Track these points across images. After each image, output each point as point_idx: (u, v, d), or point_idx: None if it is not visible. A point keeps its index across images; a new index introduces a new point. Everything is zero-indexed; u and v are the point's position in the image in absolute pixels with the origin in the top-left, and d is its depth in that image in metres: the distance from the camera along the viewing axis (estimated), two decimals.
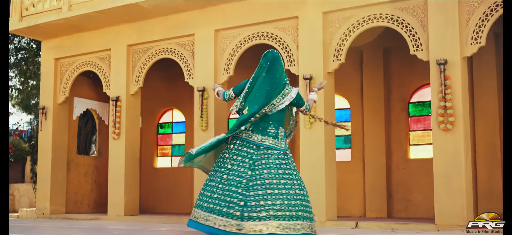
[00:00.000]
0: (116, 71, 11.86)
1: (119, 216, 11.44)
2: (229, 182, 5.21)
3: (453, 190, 8.43)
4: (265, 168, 5.25)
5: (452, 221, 8.37)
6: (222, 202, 5.16)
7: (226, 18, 10.66)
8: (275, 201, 5.08)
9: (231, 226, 5.06)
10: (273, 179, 5.19)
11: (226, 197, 5.16)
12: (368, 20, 9.42)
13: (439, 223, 8.47)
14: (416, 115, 12.07)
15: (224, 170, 5.32)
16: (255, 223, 5.01)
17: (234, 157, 5.36)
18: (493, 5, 8.48)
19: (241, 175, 5.24)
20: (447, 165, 8.53)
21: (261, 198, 5.08)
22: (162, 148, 14.71)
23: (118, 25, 11.85)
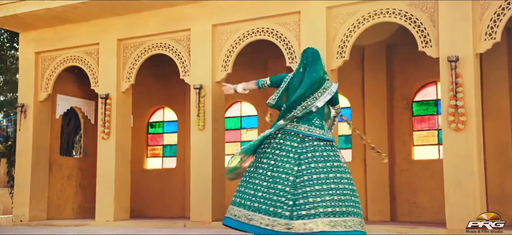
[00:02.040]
0: (105, 67, 11.79)
1: (108, 221, 11.36)
2: (274, 180, 5.28)
3: (465, 193, 8.52)
4: (312, 162, 5.31)
5: (464, 225, 8.43)
6: (269, 201, 5.22)
7: (224, 13, 10.67)
8: (324, 197, 5.13)
9: (279, 225, 5.13)
10: (321, 173, 5.25)
11: (272, 195, 5.22)
12: (374, 15, 9.50)
13: (450, 227, 8.55)
14: (420, 114, 12.21)
15: (267, 166, 5.37)
16: (304, 221, 5.08)
17: (276, 151, 5.44)
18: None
19: (287, 171, 5.31)
20: (458, 167, 8.62)
21: (309, 195, 5.14)
22: (152, 148, 14.70)
23: (107, 17, 11.76)
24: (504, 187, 10.81)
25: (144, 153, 14.68)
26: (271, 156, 5.43)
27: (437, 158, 11.86)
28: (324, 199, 5.14)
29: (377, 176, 12.00)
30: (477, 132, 8.66)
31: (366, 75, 12.28)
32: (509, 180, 10.87)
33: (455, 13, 8.84)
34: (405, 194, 11.98)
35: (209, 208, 10.48)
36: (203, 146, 10.62)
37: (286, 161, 5.36)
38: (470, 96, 8.63)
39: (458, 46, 8.74)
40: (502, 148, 10.94)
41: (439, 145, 11.87)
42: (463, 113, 8.58)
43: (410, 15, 9.23)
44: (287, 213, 5.11)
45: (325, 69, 9.37)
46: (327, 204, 5.11)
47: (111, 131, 11.59)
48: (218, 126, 10.81)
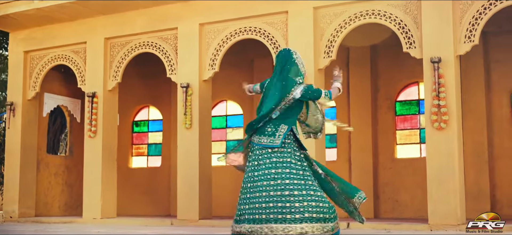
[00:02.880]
0: (92, 65, 11.99)
1: (96, 219, 11.56)
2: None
3: (447, 189, 8.88)
4: (257, 170, 5.44)
5: (446, 221, 8.81)
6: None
7: (212, 12, 10.93)
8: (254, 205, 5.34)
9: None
10: (258, 181, 5.41)
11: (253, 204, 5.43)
12: (360, 16, 9.82)
13: (432, 223, 8.91)
14: (402, 114, 12.58)
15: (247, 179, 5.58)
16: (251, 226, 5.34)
17: (249, 160, 5.61)
18: (486, 3, 8.97)
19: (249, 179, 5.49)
20: (440, 164, 8.97)
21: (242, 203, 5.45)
22: (137, 147, 14.89)
23: (94, 16, 11.98)
24: (480, 184, 11.32)
25: (129, 152, 14.88)
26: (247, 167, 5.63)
27: (418, 157, 12.25)
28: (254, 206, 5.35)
29: (361, 175, 12.34)
30: (458, 131, 9.03)
31: (351, 75, 12.62)
32: (484, 178, 11.40)
33: (437, 16, 9.20)
34: (388, 192, 12.35)
35: (196, 206, 10.71)
36: (190, 145, 10.85)
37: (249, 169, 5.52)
38: (451, 96, 9.00)
39: (440, 47, 9.10)
40: (478, 146, 11.41)
41: (421, 144, 12.25)
42: (445, 113, 8.94)
43: (394, 17, 9.55)
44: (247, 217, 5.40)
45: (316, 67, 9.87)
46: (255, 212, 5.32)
47: (98, 129, 11.78)
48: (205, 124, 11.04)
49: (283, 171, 5.38)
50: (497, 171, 11.54)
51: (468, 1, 9.11)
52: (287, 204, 5.22)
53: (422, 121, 12.32)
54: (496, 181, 11.53)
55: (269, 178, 5.35)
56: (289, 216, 5.20)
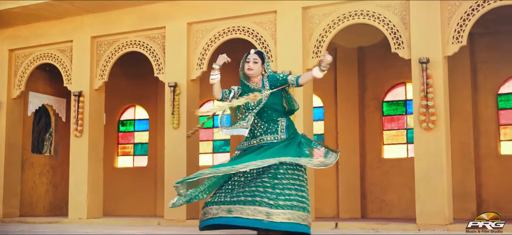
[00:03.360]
0: (78, 64, 11.96)
1: (81, 219, 11.54)
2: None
3: (434, 189, 8.99)
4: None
5: (433, 221, 8.93)
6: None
7: (200, 11, 10.96)
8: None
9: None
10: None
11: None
12: (349, 16, 9.91)
13: (420, 223, 9.02)
14: (390, 114, 12.71)
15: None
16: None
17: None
18: (474, 5, 9.10)
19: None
20: (428, 165, 9.09)
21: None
22: (123, 146, 14.88)
23: (81, 15, 11.96)
24: (466, 185, 11.47)
25: (115, 152, 14.86)
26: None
27: (405, 157, 12.38)
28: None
29: (349, 175, 12.44)
30: (446, 131, 9.15)
31: (338, 75, 12.72)
32: (470, 178, 11.56)
33: (425, 17, 9.31)
34: (375, 192, 12.46)
35: (183, 206, 10.66)
36: (178, 145, 10.87)
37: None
38: (439, 97, 9.11)
39: (429, 48, 9.21)
40: (464, 147, 11.56)
41: (408, 144, 12.39)
42: (434, 113, 9.05)
43: (383, 18, 9.65)
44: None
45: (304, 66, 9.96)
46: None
47: (84, 129, 11.76)
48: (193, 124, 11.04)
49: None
50: (483, 171, 11.70)
51: (456, 3, 9.23)
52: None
53: (409, 122, 12.46)
54: (482, 182, 11.69)
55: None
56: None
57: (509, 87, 11.78)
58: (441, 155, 9.05)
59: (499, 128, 11.78)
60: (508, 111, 11.74)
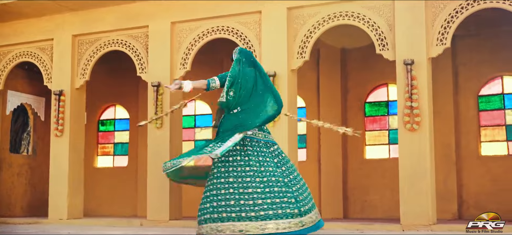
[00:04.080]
0: (59, 63, 11.92)
1: (62, 220, 11.51)
2: (267, 184, 5.52)
3: (419, 190, 9.17)
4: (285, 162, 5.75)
5: (417, 221, 9.10)
6: (276, 205, 5.44)
7: (184, 10, 11.00)
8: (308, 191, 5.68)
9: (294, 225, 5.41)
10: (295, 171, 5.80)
11: (275, 198, 5.46)
12: (334, 17, 10.04)
13: (404, 223, 9.19)
14: (372, 115, 12.90)
15: (252, 173, 5.57)
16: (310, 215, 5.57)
17: (254, 158, 5.67)
18: (458, 7, 9.30)
19: (275, 174, 5.60)
20: (412, 166, 9.26)
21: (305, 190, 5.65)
22: (103, 146, 14.85)
23: (62, 13, 11.92)
24: (448, 185, 11.68)
25: (95, 151, 14.82)
26: (247, 163, 5.66)
27: (387, 158, 12.58)
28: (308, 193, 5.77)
29: (331, 175, 12.59)
30: (430, 132, 9.34)
31: (321, 76, 12.87)
32: (451, 178, 11.79)
33: (410, 18, 9.49)
34: (357, 192, 12.63)
35: (166, 207, 10.78)
36: (161, 145, 10.91)
37: (269, 164, 5.68)
38: (423, 98, 9.30)
39: (413, 50, 9.38)
40: (446, 148, 11.78)
41: (390, 145, 12.59)
42: (418, 114, 9.23)
43: (368, 19, 9.81)
44: (296, 211, 5.46)
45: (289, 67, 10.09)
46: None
47: (65, 128, 11.73)
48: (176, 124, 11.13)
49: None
50: (464, 172, 11.92)
51: (440, 5, 9.42)
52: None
53: (391, 122, 12.66)
54: (463, 182, 11.92)
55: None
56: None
57: (490, 88, 12.02)
58: (425, 156, 9.24)
59: (480, 129, 12.02)
60: (489, 112, 11.98)
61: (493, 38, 11.82)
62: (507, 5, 9.02)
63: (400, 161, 9.41)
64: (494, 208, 11.24)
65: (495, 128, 11.91)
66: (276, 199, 5.43)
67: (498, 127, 11.89)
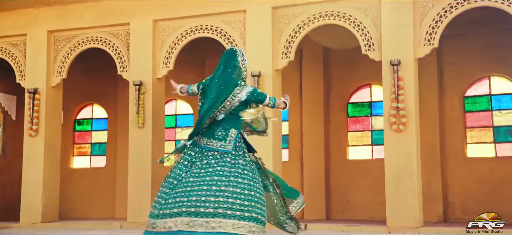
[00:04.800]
0: (33, 59, 11.75)
1: (35, 223, 11.31)
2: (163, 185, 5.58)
3: (405, 191, 9.29)
4: (196, 168, 5.54)
5: (404, 223, 9.22)
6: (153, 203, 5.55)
7: (167, 8, 10.97)
8: (190, 197, 5.33)
9: (148, 225, 5.43)
10: (198, 177, 5.46)
11: (157, 198, 5.52)
12: (319, 17, 10.11)
13: (390, 225, 9.31)
14: (355, 115, 13.00)
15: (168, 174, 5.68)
16: (165, 220, 5.31)
17: (181, 160, 5.69)
18: (447, 6, 9.44)
19: (175, 176, 5.57)
20: (398, 167, 9.38)
21: (178, 195, 5.39)
22: (79, 146, 14.70)
23: (37, 7, 11.75)
24: (432, 186, 11.83)
25: (70, 152, 14.67)
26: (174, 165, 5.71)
27: (370, 158, 12.71)
28: (189, 199, 5.33)
29: (313, 176, 12.66)
30: (416, 133, 9.47)
31: (304, 76, 12.93)
32: (436, 179, 11.93)
33: (396, 19, 9.61)
34: (339, 193, 12.72)
35: (147, 208, 10.53)
36: (143, 145, 10.87)
37: (179, 168, 5.62)
38: (410, 99, 9.43)
39: (400, 50, 9.50)
40: (431, 148, 11.92)
41: (373, 146, 12.71)
42: (404, 115, 9.36)
43: (354, 19, 9.89)
44: (156, 212, 5.41)
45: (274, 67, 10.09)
46: (191, 204, 5.29)
47: (40, 128, 11.58)
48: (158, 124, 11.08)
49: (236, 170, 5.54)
50: (450, 173, 12.07)
51: (428, 5, 9.54)
52: (238, 201, 5.35)
53: (374, 123, 12.78)
54: (448, 183, 12.07)
55: (221, 175, 5.45)
56: (239, 213, 5.32)
57: (476, 89, 12.19)
58: (411, 157, 9.36)
59: (466, 130, 12.16)
60: (475, 113, 12.13)
61: (480, 38, 11.97)
62: (499, 4, 9.15)
63: (386, 162, 9.51)
64: (480, 211, 11.37)
65: (482, 129, 12.06)
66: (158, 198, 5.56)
67: (485, 128, 12.04)
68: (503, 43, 11.74)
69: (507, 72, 11.96)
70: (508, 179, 11.62)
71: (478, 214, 11.34)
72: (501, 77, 12.10)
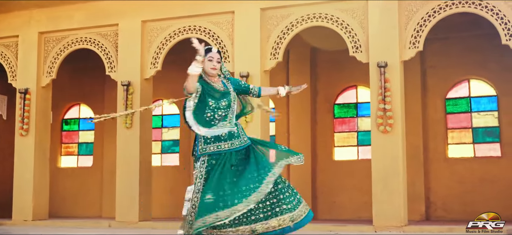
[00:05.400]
0: (24, 60, 11.74)
1: (27, 221, 11.31)
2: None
3: (391, 191, 9.35)
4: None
5: (390, 223, 9.29)
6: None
7: (155, 9, 10.97)
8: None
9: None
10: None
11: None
12: (307, 19, 10.16)
13: (376, 224, 9.36)
14: (341, 116, 13.08)
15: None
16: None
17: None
18: (431, 11, 9.53)
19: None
20: (385, 167, 9.44)
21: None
22: (66, 146, 14.67)
23: (28, 9, 11.73)
24: (416, 186, 11.89)
25: (58, 151, 14.62)
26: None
27: (356, 159, 12.79)
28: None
29: (300, 176, 12.69)
30: (402, 134, 9.54)
31: (291, 77, 12.98)
32: (419, 180, 12.02)
33: (383, 21, 9.66)
34: (326, 193, 12.78)
35: (136, 208, 10.73)
36: (131, 145, 10.85)
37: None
38: (396, 101, 9.49)
39: (386, 52, 9.56)
40: (414, 149, 12.00)
41: (359, 146, 12.80)
42: (391, 117, 9.41)
43: (341, 21, 9.95)
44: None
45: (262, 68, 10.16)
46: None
47: (30, 127, 11.56)
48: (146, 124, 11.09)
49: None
50: (432, 174, 12.19)
51: (413, 8, 9.63)
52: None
53: (360, 124, 12.87)
54: (431, 184, 12.19)
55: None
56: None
57: (457, 92, 12.32)
58: (397, 158, 9.42)
59: (447, 131, 12.32)
60: (456, 115, 12.28)
61: (461, 42, 12.13)
62: (478, 10, 9.29)
63: (373, 162, 9.57)
64: (461, 210, 11.65)
65: (462, 130, 12.22)
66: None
67: (465, 129, 12.20)
68: (481, 47, 11.92)
69: (486, 76, 12.11)
70: (486, 178, 11.78)
71: (459, 213, 11.67)
72: (480, 80, 12.25)
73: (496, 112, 12.02)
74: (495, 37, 9.55)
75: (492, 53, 11.63)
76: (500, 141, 11.93)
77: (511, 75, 11.77)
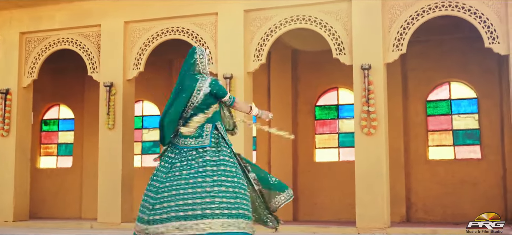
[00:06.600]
0: (5, 61, 11.48)
1: (8, 222, 11.06)
2: (148, 188, 5.41)
3: (374, 193, 9.26)
4: (178, 170, 5.37)
5: (373, 224, 9.20)
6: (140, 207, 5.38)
7: (137, 10, 10.77)
8: (178, 202, 5.21)
9: (139, 230, 5.27)
10: (182, 180, 5.32)
11: (143, 202, 5.36)
12: (291, 21, 10.03)
13: (360, 226, 9.27)
14: (322, 118, 12.97)
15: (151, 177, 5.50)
16: (156, 226, 5.18)
17: (161, 163, 5.52)
18: (414, 14, 9.46)
19: (158, 180, 5.39)
20: (368, 169, 9.35)
21: (165, 200, 5.25)
22: (46, 146, 14.37)
23: (9, 9, 11.47)
24: (396, 189, 11.82)
25: (37, 152, 14.32)
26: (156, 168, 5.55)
27: (337, 161, 12.69)
28: (177, 203, 5.22)
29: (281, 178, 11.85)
30: (385, 136, 9.46)
31: (272, 78, 12.85)
32: (400, 182, 11.97)
33: (367, 24, 9.58)
34: (307, 195, 12.65)
35: (118, 209, 10.53)
36: (113, 146, 10.66)
37: (160, 170, 5.46)
38: (380, 103, 9.41)
39: (370, 55, 9.47)
40: (395, 152, 11.95)
41: (339, 148, 12.69)
42: (375, 119, 9.32)
43: (325, 23, 9.84)
44: (146, 218, 5.25)
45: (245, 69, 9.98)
46: (179, 208, 5.19)
47: (11, 128, 11.29)
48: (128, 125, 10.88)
49: (218, 169, 5.37)
50: (413, 176, 12.14)
51: (396, 11, 9.55)
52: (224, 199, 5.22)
53: (341, 126, 12.77)
54: (412, 186, 12.14)
55: (204, 176, 5.30)
56: (227, 211, 5.19)
57: (437, 94, 12.29)
58: (381, 160, 9.34)
59: (428, 133, 12.27)
60: (436, 117, 12.25)
61: (441, 45, 12.12)
62: (461, 13, 9.24)
63: (356, 164, 9.48)
64: (441, 212, 11.63)
65: (443, 132, 12.18)
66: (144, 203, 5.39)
67: (445, 132, 12.17)
68: (461, 50, 11.92)
69: (466, 78, 12.10)
70: (466, 180, 11.77)
71: (439, 214, 11.65)
72: (460, 83, 12.22)
73: (476, 114, 12.01)
74: (476, 40, 9.52)
75: (473, 56, 11.64)
76: (480, 143, 11.92)
77: (491, 78, 11.79)
